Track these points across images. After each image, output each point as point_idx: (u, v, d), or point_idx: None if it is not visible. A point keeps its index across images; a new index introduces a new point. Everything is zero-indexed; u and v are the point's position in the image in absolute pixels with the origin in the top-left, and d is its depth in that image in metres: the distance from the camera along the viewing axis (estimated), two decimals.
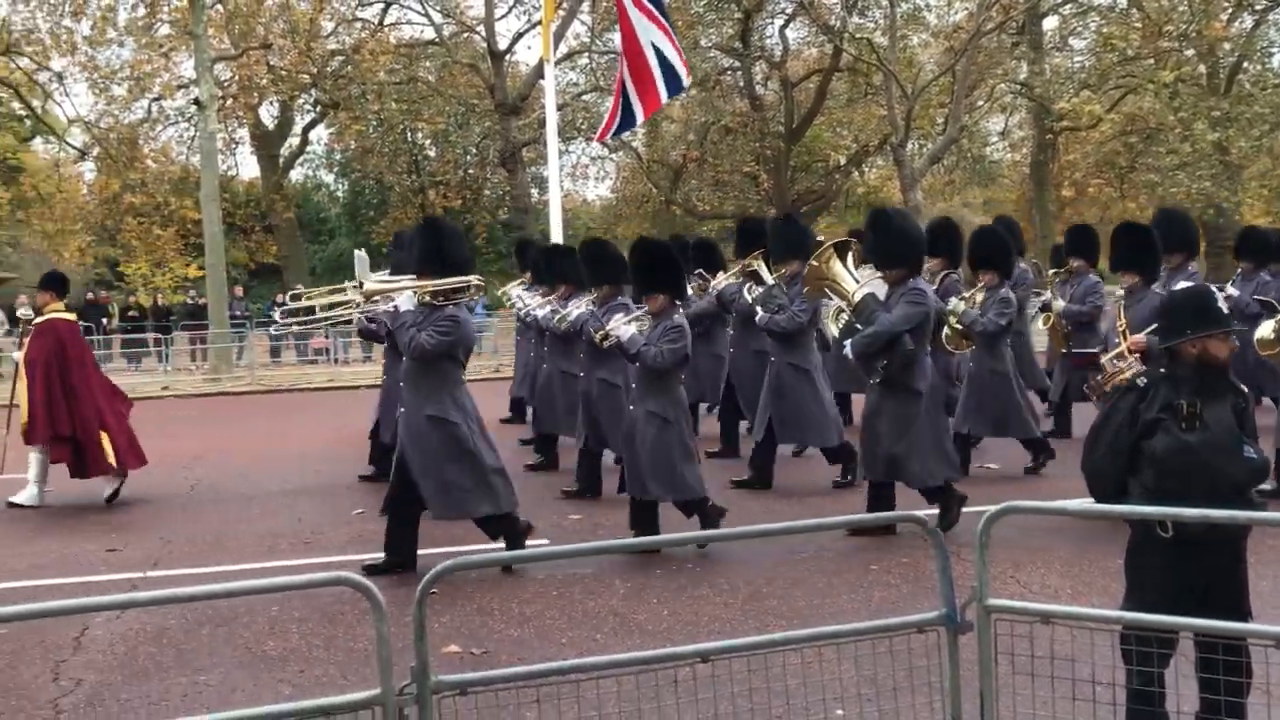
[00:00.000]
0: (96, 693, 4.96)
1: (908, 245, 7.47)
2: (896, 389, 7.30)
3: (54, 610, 5.13)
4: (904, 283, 7.35)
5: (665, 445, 7.03)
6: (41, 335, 9.06)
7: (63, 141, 34.06)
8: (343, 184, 43.87)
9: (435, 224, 7.52)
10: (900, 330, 7.19)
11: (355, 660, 5.26)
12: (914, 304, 7.26)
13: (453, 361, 6.76)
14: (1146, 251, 7.62)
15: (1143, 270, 7.57)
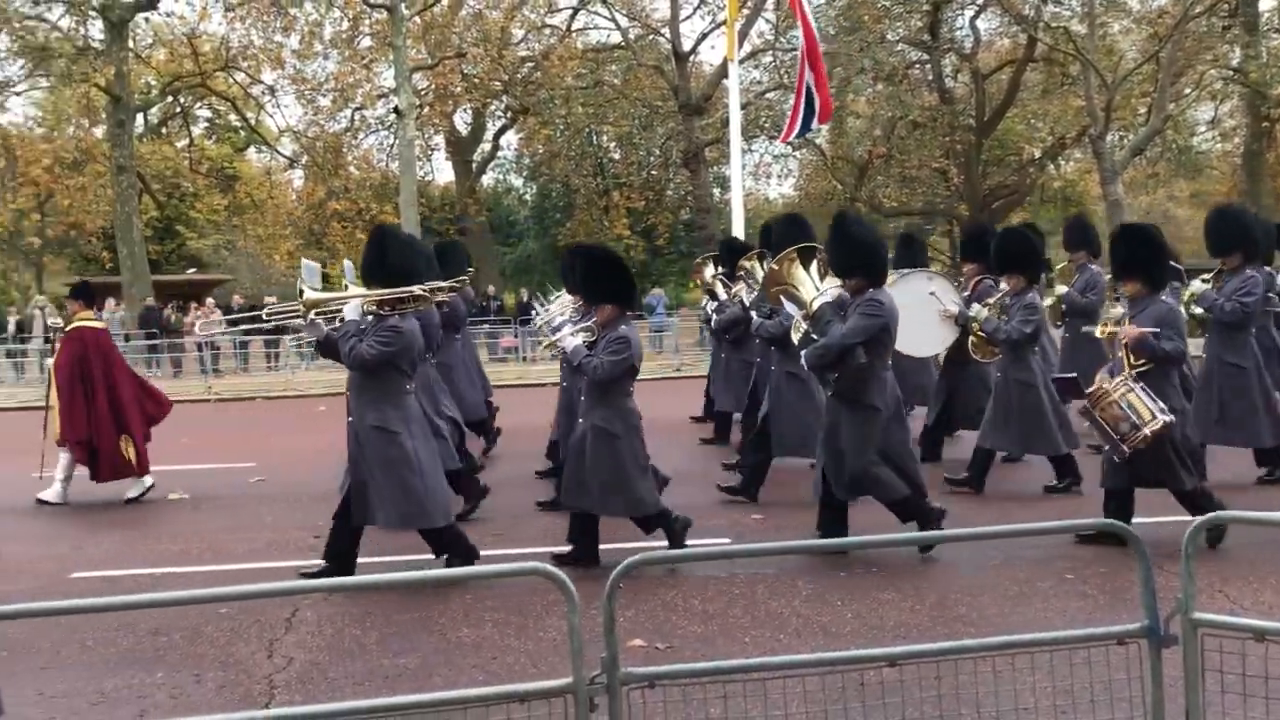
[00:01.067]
0: (306, 671, 5.27)
1: (867, 253, 7.15)
2: (853, 404, 6.98)
3: (269, 592, 5.51)
4: (863, 293, 7.06)
5: (614, 459, 6.78)
6: (69, 342, 9.61)
7: (274, 150, 36.27)
8: (531, 187, 45.07)
9: (380, 233, 7.39)
10: (851, 343, 6.85)
11: (544, 650, 5.41)
12: (868, 315, 6.93)
13: (397, 371, 6.68)
14: (1150, 257, 7.08)
15: (1147, 277, 7.03)
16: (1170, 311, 6.92)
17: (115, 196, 28.02)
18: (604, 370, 6.73)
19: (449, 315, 9.99)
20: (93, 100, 29.46)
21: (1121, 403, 6.69)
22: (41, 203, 34.04)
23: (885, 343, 7.02)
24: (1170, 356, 6.80)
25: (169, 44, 31.73)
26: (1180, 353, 6.88)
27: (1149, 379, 6.76)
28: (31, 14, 27.27)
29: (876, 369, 6.94)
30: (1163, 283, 7.16)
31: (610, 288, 6.96)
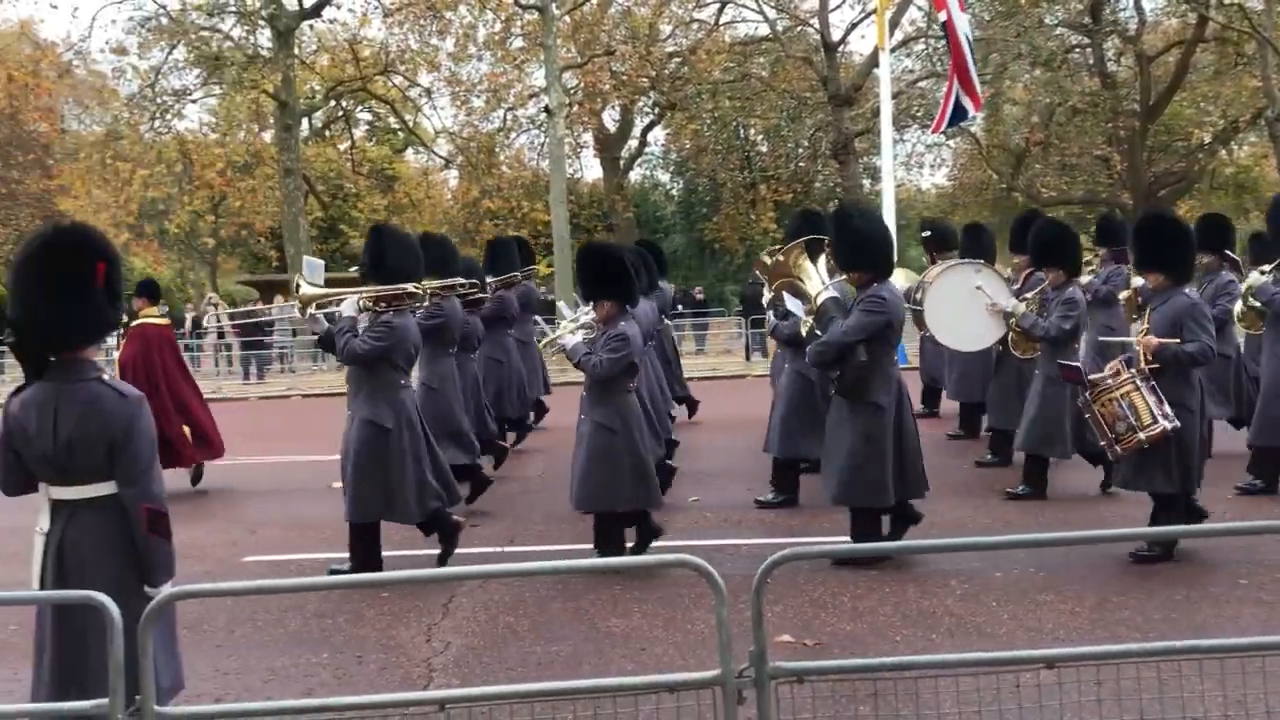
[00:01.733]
0: (463, 655, 5.43)
1: (871, 247, 6.86)
2: (855, 402, 6.72)
3: (427, 578, 5.71)
4: (867, 287, 6.77)
5: (610, 456, 6.75)
6: (132, 339, 9.91)
7: (431, 151, 37.34)
8: (678, 182, 45.17)
9: (378, 232, 7.55)
10: (852, 340, 6.62)
11: (692, 642, 5.45)
12: (870, 312, 6.65)
13: (392, 367, 6.80)
14: (1177, 249, 6.70)
15: (1172, 269, 6.67)
16: (1192, 307, 6.57)
17: (283, 198, 29.31)
18: (603, 368, 6.72)
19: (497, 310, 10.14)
20: (262, 106, 30.86)
21: (1123, 401, 6.44)
22: (215, 204, 35.84)
23: (889, 339, 6.80)
24: (1194, 358, 6.44)
25: (332, 50, 32.98)
26: (1203, 351, 6.44)
27: (1164, 377, 6.47)
28: (206, 25, 28.70)
29: (881, 366, 6.71)
30: (1188, 275, 6.86)
31: (610, 284, 6.93)
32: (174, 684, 3.83)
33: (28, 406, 3.66)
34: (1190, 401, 6.48)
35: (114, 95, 32.01)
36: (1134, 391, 6.40)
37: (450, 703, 3.32)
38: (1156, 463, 6.43)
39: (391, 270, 7.01)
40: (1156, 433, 6.33)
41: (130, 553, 3.67)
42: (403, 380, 6.94)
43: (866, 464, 6.66)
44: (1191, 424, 6.47)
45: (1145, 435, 6.35)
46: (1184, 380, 6.51)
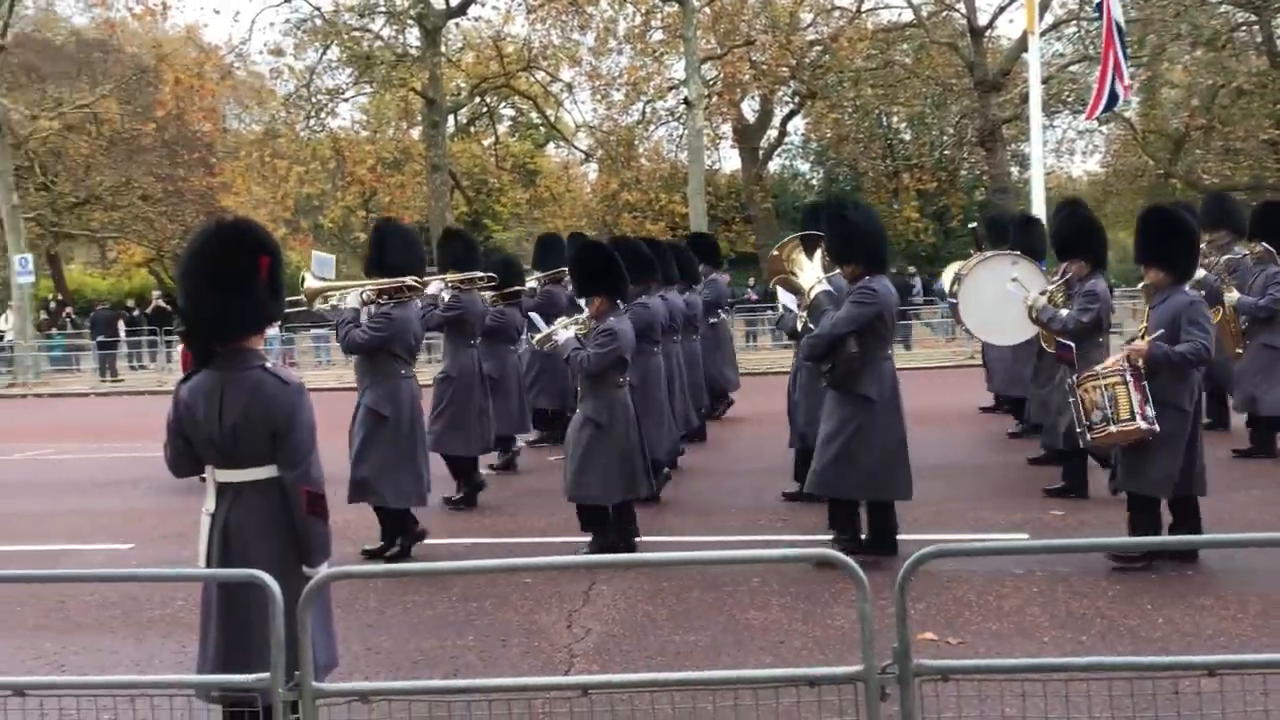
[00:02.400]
0: (603, 642, 5.50)
1: (863, 240, 6.79)
2: (846, 395, 6.67)
3: (568, 565, 5.80)
4: (859, 280, 6.71)
5: (595, 448, 6.89)
6: None
7: (571, 145, 37.80)
8: (818, 172, 44.69)
9: (378, 229, 7.86)
10: (842, 332, 6.58)
11: (831, 637, 5.41)
12: (860, 304, 6.61)
13: (392, 357, 7.12)
14: (1179, 244, 6.48)
15: (1173, 265, 6.45)
16: (1190, 306, 6.33)
17: (429, 193, 30.11)
18: (591, 362, 6.86)
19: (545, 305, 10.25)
20: (410, 104, 31.73)
21: (1106, 391, 6.32)
22: (366, 200, 37.01)
23: (881, 332, 6.72)
24: (1186, 359, 6.22)
25: (477, 47, 33.69)
26: (1197, 351, 6.19)
27: (1158, 376, 6.27)
28: (357, 25, 29.64)
29: (873, 359, 6.66)
30: (1189, 272, 6.60)
31: (601, 280, 7.08)
32: (329, 662, 3.99)
33: (195, 393, 3.85)
34: (1183, 402, 6.29)
35: (272, 95, 33.41)
36: (1119, 384, 6.28)
37: (592, 688, 3.38)
38: (1145, 465, 6.28)
39: (391, 265, 7.29)
40: (1129, 429, 6.21)
41: (290, 534, 3.84)
42: (403, 370, 7.23)
43: (854, 456, 6.62)
44: (1184, 424, 6.28)
45: (1117, 429, 6.26)
46: (1178, 380, 6.30)
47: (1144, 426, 6.17)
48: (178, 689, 3.61)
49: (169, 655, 5.50)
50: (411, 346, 7.35)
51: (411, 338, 7.31)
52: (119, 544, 7.92)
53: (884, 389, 6.67)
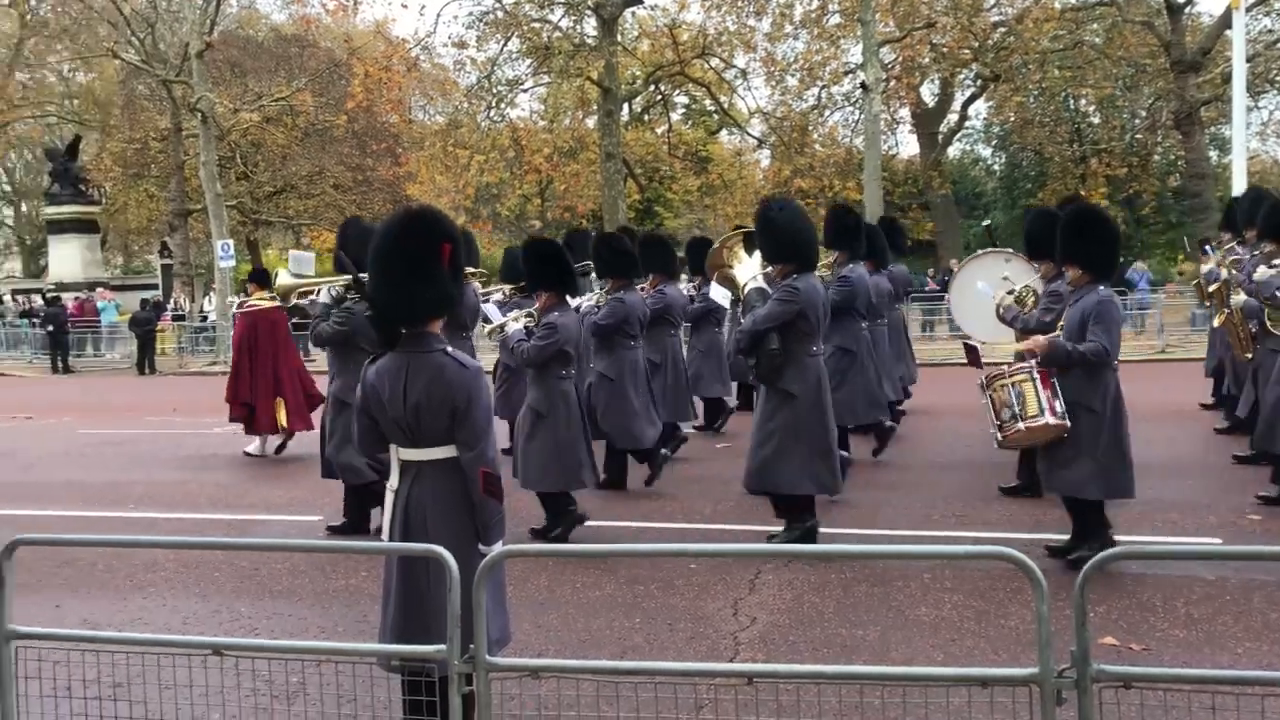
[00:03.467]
0: (768, 631, 5.49)
1: (789, 240, 6.90)
2: (771, 390, 6.87)
3: (735, 552, 5.80)
4: (787, 279, 6.83)
5: (537, 438, 7.24)
6: (241, 319, 11.03)
7: (744, 132, 37.67)
8: (999, 157, 43.25)
9: (344, 227, 8.40)
10: (763, 328, 6.76)
11: (1005, 637, 5.25)
12: (782, 302, 6.76)
13: (356, 349, 7.43)
14: (1098, 243, 6.40)
15: (1091, 264, 6.38)
16: (1099, 304, 6.26)
17: (603, 181, 30.52)
18: (529, 355, 7.20)
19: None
20: (586, 93, 32.21)
21: (1013, 389, 6.35)
22: (542, 188, 37.80)
23: (804, 329, 6.82)
24: (1085, 358, 6.17)
25: (652, 35, 33.94)
26: (1097, 352, 6.15)
27: (1069, 375, 6.28)
28: (537, 17, 30.27)
29: (796, 355, 6.80)
30: (1108, 270, 6.52)
31: (548, 277, 7.29)
32: (502, 637, 4.10)
33: (381, 374, 4.02)
34: (1094, 403, 6.23)
35: (454, 87, 34.45)
36: (1026, 382, 6.30)
37: (758, 677, 3.38)
38: (1062, 466, 6.31)
39: (354, 262, 7.41)
40: (1037, 425, 6.22)
41: (468, 512, 3.96)
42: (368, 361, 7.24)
43: (784, 450, 6.78)
44: (1097, 424, 6.22)
45: (1025, 426, 6.28)
46: (1089, 380, 6.25)
47: (1053, 421, 6.18)
48: (360, 657, 3.78)
49: (351, 624, 5.76)
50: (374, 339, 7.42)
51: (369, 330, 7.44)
52: (309, 515, 8.33)
53: (808, 385, 6.83)
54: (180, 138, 36.90)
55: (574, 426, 7.37)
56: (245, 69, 39.14)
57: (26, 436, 14.33)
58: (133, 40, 35.66)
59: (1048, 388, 6.24)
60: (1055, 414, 6.20)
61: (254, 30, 43.20)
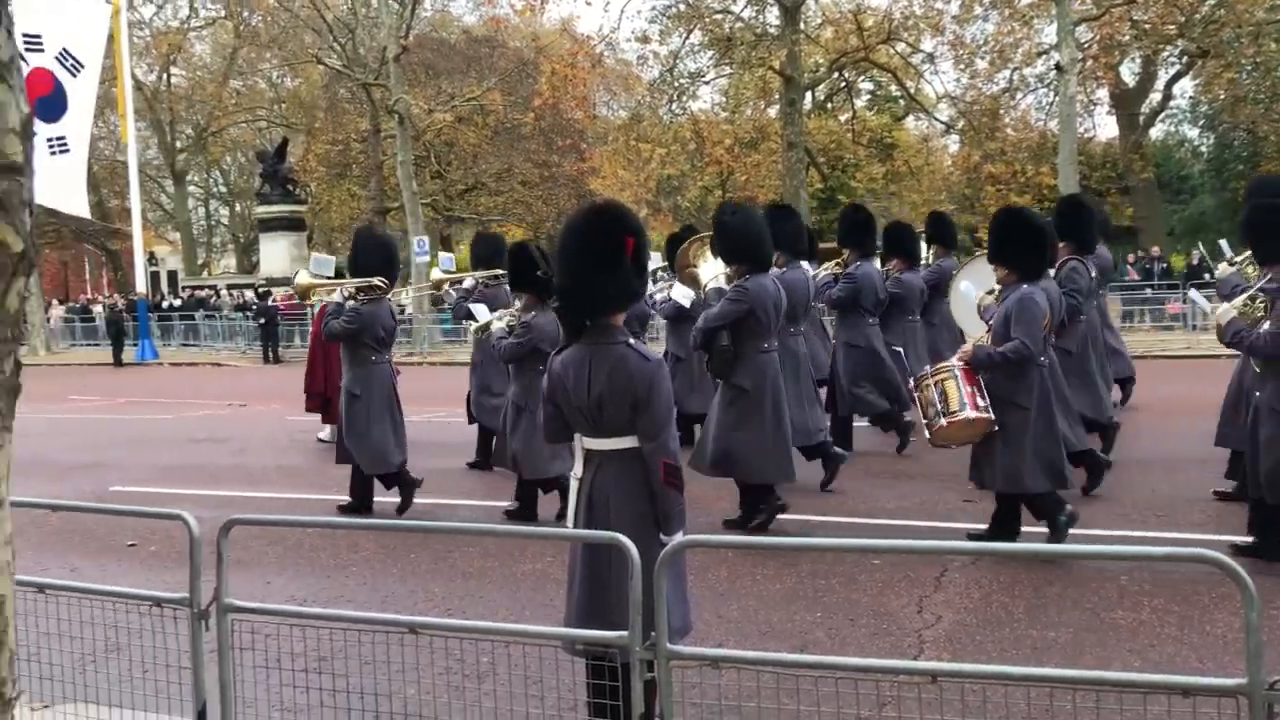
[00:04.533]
0: (954, 630, 5.37)
1: (742, 241, 7.33)
2: (724, 384, 7.36)
3: (919, 549, 5.69)
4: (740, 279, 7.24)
5: (517, 426, 7.82)
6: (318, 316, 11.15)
7: (931, 117, 36.73)
8: (1208, 138, 40.83)
9: (356, 236, 9.19)
10: (713, 326, 7.21)
11: (1210, 645, 4.98)
12: (731, 301, 7.21)
13: (363, 345, 8.26)
14: (1024, 244, 6.63)
15: (1019, 265, 6.61)
16: (1019, 302, 6.47)
17: (785, 170, 30.31)
18: (505, 353, 7.92)
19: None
20: (768, 83, 32.03)
21: (937, 387, 6.54)
22: (723, 180, 37.79)
23: (754, 328, 7.19)
24: (1006, 358, 6.41)
25: (835, 22, 33.42)
26: (1017, 350, 6.36)
27: (996, 372, 6.49)
28: (719, 8, 30.28)
29: (747, 351, 7.21)
30: (1036, 271, 6.72)
31: (526, 281, 7.83)
32: (683, 626, 4.15)
33: (566, 365, 4.12)
34: (1021, 399, 6.45)
35: (637, 81, 34.84)
36: (949, 379, 6.48)
37: (943, 676, 3.31)
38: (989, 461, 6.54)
39: (365, 267, 8.42)
40: (958, 419, 6.39)
41: (649, 501, 4.03)
42: (374, 357, 8.34)
43: (733, 442, 7.23)
44: (1024, 420, 6.43)
45: (947, 421, 6.45)
46: (1014, 376, 6.46)
47: (973, 415, 6.36)
48: (546, 640, 3.90)
49: (538, 607, 5.93)
50: (380, 337, 8.39)
51: (380, 329, 8.36)
52: (500, 501, 8.61)
53: (758, 380, 7.20)
54: (379, 139, 38.60)
55: None
56: (439, 70, 40.63)
57: (240, 423, 15.30)
58: (335, 46, 37.52)
59: (971, 384, 6.45)
60: (977, 408, 6.38)
61: (447, 32, 44.74)
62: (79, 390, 21.07)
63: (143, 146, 40.64)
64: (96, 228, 41.02)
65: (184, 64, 45.95)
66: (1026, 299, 6.48)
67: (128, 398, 19.60)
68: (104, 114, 36.64)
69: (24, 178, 2.56)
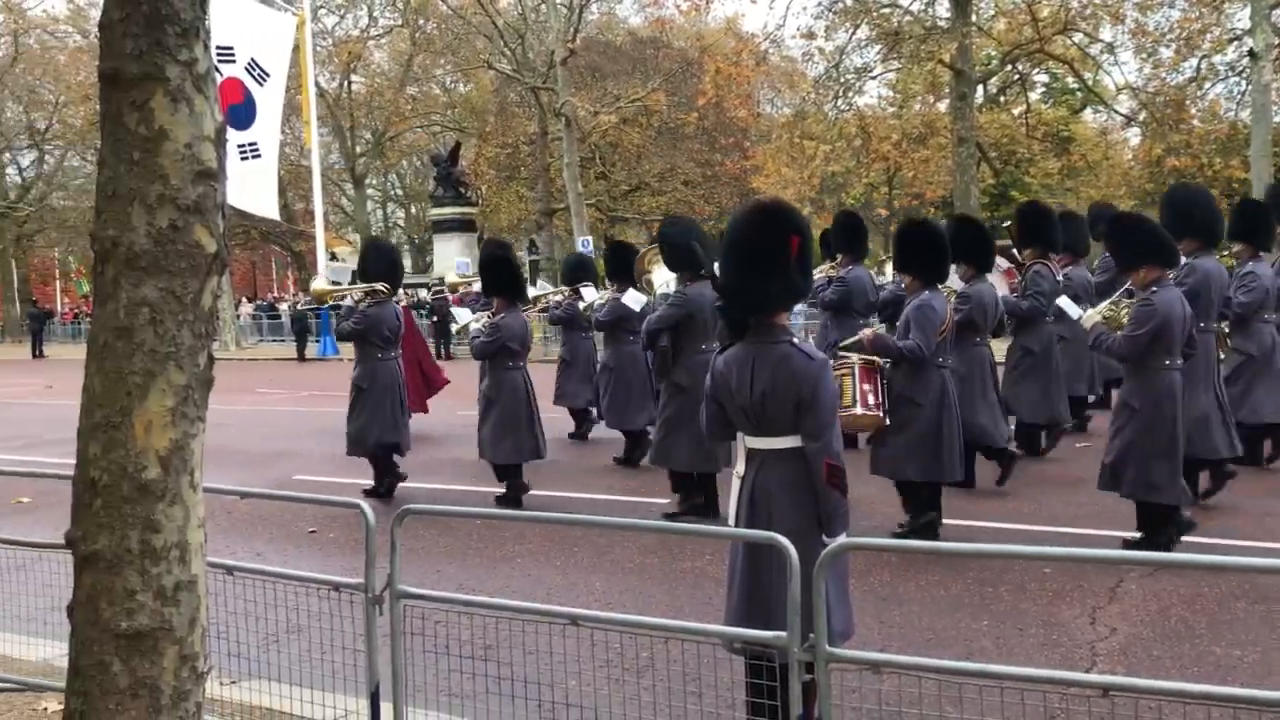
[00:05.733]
0: (1129, 644, 5.15)
1: (681, 252, 8.02)
2: (668, 383, 8.02)
3: (1093, 558, 5.48)
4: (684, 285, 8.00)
5: (489, 418, 8.79)
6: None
7: (1110, 109, 35.17)
8: None
9: (364, 246, 10.38)
10: (654, 329, 8.01)
11: None
12: (671, 306, 8.00)
13: (370, 344, 9.23)
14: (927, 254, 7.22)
15: (921, 272, 7.21)
16: (917, 308, 7.06)
17: (954, 166, 29.50)
18: (476, 349, 8.90)
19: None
20: (937, 77, 31.26)
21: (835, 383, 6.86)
22: (890, 176, 37.14)
23: (692, 329, 7.89)
24: (901, 353, 6.98)
25: (1009, 13, 32.38)
26: (910, 349, 6.95)
27: (898, 370, 7.05)
28: (887, 2, 29.72)
29: (686, 352, 7.92)
30: (936, 277, 7.23)
31: (499, 284, 8.87)
32: (844, 630, 4.10)
33: (730, 364, 4.13)
34: (918, 396, 7.00)
35: (802, 78, 34.50)
36: (846, 376, 6.82)
37: (1116, 690, 3.18)
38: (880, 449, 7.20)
39: (373, 273, 9.41)
40: (848, 415, 6.71)
41: (811, 502, 3.99)
42: (380, 354, 9.26)
43: (669, 435, 7.99)
44: (916, 416, 7.01)
45: (844, 415, 6.59)
46: (912, 376, 7.03)
47: (860, 411, 6.81)
48: (705, 637, 3.91)
49: (697, 605, 5.96)
50: (385, 337, 9.25)
51: (386, 330, 9.23)
52: (658, 499, 8.68)
53: (695, 378, 7.51)
54: (546, 141, 39.40)
55: (521, 409, 8.76)
56: (604, 73, 41.20)
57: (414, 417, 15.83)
58: (505, 51, 38.47)
59: (867, 382, 6.87)
60: (866, 405, 6.83)
61: (612, 35, 45.32)
62: (265, 384, 22.19)
63: (325, 151, 42.53)
64: (283, 229, 43.10)
65: (363, 71, 47.86)
66: (925, 305, 7.08)
67: (310, 391, 20.54)
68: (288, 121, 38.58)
69: (218, 183, 2.73)
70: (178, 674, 2.70)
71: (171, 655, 2.69)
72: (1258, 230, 8.95)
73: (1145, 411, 6.48)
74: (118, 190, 2.62)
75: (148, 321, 2.62)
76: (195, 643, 2.75)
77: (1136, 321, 6.49)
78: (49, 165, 48.68)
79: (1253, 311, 8.78)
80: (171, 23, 2.61)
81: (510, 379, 8.80)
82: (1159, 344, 6.44)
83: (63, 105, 44.13)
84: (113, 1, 2.62)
